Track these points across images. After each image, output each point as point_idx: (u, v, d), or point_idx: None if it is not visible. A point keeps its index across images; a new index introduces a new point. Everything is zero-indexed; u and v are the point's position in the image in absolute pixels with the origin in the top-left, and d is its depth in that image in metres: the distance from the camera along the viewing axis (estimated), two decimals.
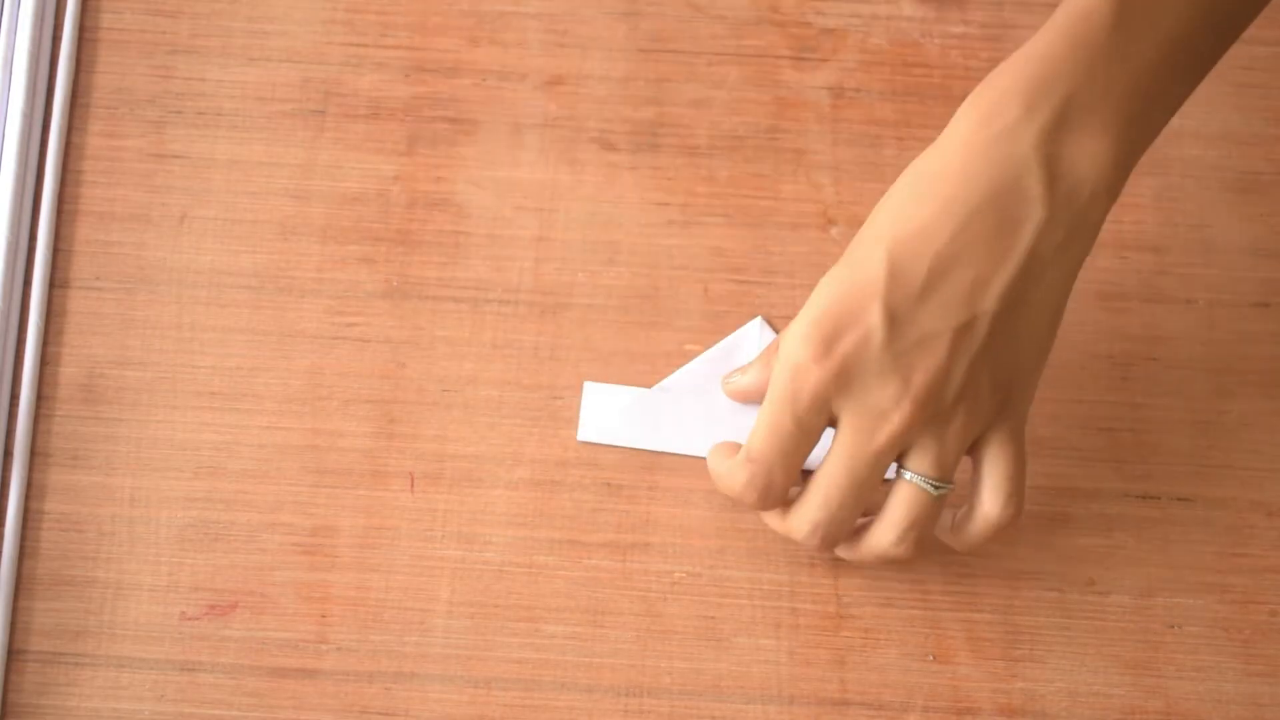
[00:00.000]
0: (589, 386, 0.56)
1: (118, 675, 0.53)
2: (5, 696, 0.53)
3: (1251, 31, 0.62)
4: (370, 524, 0.55)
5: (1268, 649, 0.55)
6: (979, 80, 0.50)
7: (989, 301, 0.48)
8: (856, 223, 0.58)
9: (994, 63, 0.50)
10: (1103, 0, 0.47)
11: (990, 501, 0.50)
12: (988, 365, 0.48)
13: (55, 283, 0.58)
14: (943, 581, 0.55)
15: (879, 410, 0.48)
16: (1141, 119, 0.48)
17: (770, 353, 0.53)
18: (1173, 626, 0.55)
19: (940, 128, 0.60)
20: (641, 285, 0.59)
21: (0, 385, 0.56)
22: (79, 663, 0.53)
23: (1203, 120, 0.61)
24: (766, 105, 0.61)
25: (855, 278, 0.48)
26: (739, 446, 0.51)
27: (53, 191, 0.59)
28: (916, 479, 0.49)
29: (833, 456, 0.49)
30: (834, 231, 0.59)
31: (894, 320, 0.47)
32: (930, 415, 0.48)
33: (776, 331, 0.57)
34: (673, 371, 0.57)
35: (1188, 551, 0.56)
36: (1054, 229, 0.47)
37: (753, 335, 0.58)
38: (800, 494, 0.51)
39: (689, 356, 0.58)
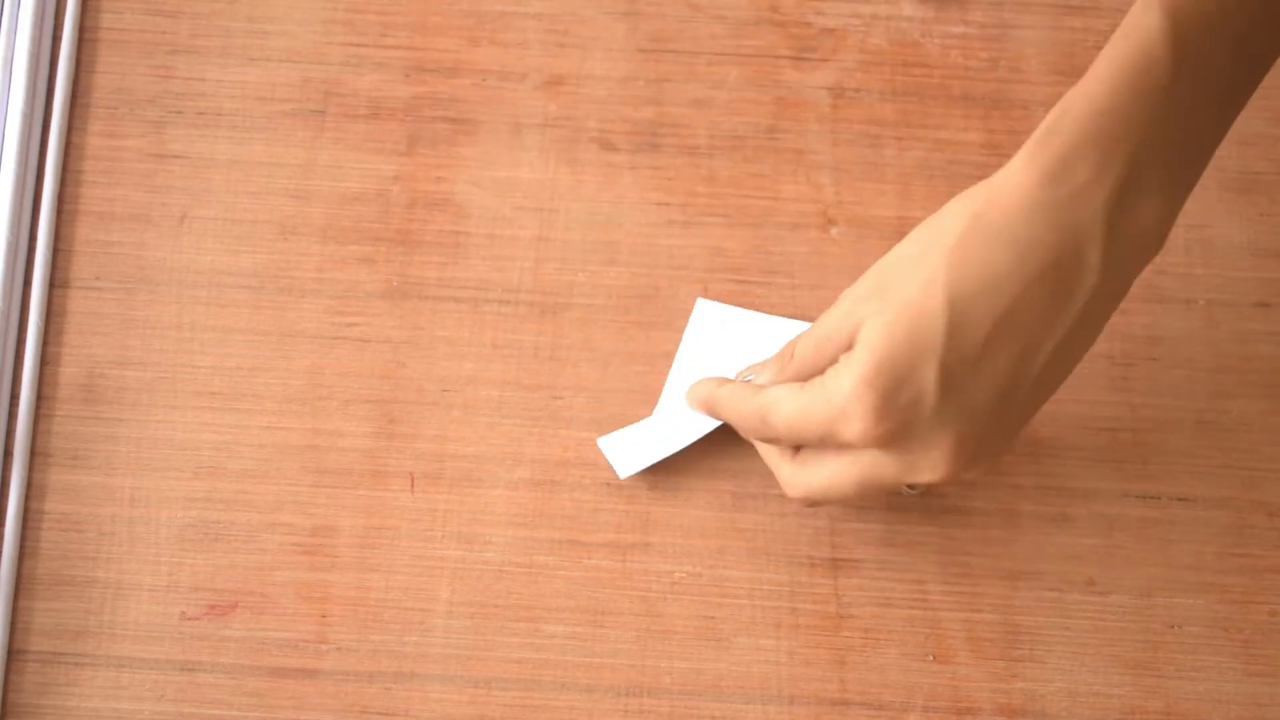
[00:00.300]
0: (603, 442, 0.56)
1: (118, 675, 0.53)
2: (5, 696, 0.53)
3: None
4: (370, 524, 0.55)
5: (1268, 649, 0.55)
6: (979, 80, 0.50)
7: (1033, 369, 0.47)
8: (857, 223, 0.58)
9: (994, 63, 0.50)
10: (1161, 51, 0.45)
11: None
12: (1017, 423, 0.49)
13: (55, 283, 0.58)
14: (943, 581, 0.55)
15: (911, 466, 0.48)
16: (1191, 173, 0.47)
17: (783, 358, 0.52)
18: (1173, 626, 0.55)
19: (940, 127, 0.61)
20: (641, 285, 0.59)
21: (0, 385, 0.56)
22: (79, 663, 0.53)
23: None
24: (766, 105, 0.61)
25: (914, 328, 0.46)
26: (723, 381, 0.54)
27: (53, 191, 0.59)
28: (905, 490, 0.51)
29: (852, 464, 0.49)
30: (834, 231, 0.59)
31: (948, 384, 0.46)
32: (956, 457, 0.48)
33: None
34: (667, 377, 0.57)
35: (1188, 551, 0.56)
36: (1102, 294, 0.47)
37: (707, 317, 0.57)
38: (812, 462, 0.50)
39: None
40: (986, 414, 0.47)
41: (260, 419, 0.57)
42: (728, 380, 0.54)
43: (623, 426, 0.56)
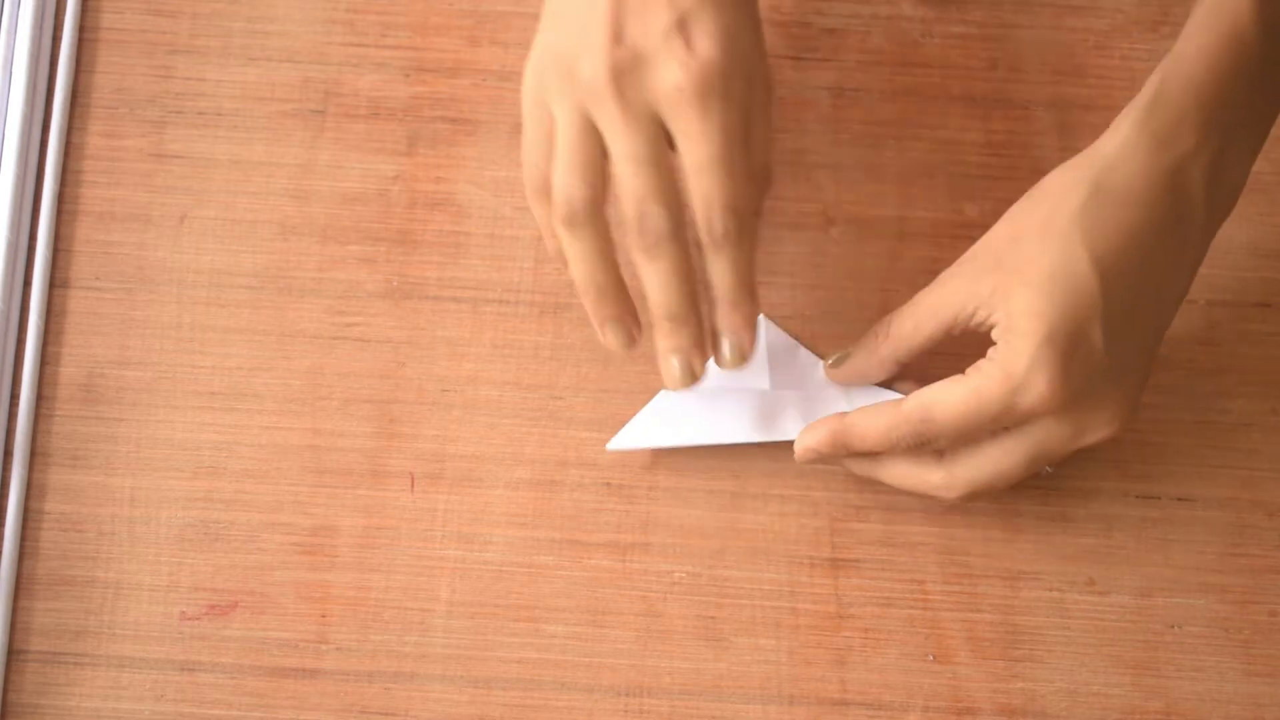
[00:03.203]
0: (610, 447, 0.56)
1: (118, 675, 0.53)
2: (5, 696, 0.53)
3: None
4: (370, 524, 0.55)
5: (1268, 649, 0.55)
6: (979, 80, 0.50)
7: (1167, 315, 0.52)
8: (857, 223, 0.58)
9: (994, 63, 0.50)
10: (1251, 21, 0.49)
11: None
12: (1151, 364, 0.52)
13: (55, 283, 0.58)
14: (943, 581, 0.55)
15: (1085, 427, 0.51)
16: (1262, 140, 0.51)
17: (876, 337, 0.53)
18: (1173, 626, 0.55)
19: (940, 127, 0.61)
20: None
21: (0, 385, 0.56)
22: (79, 663, 0.54)
23: None
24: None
25: (1071, 290, 0.49)
26: (838, 419, 0.53)
27: (53, 191, 0.59)
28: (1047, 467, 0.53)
29: (1021, 440, 0.51)
30: (834, 231, 0.59)
31: (1111, 339, 0.49)
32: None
33: (785, 332, 0.57)
34: None
35: (1188, 551, 0.56)
36: (1203, 248, 0.51)
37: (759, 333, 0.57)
38: (968, 455, 0.52)
39: None
40: (1141, 363, 0.51)
41: (260, 419, 0.57)
42: (844, 413, 0.53)
43: (623, 426, 0.56)
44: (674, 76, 0.49)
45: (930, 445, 0.51)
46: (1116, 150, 0.50)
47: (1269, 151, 0.60)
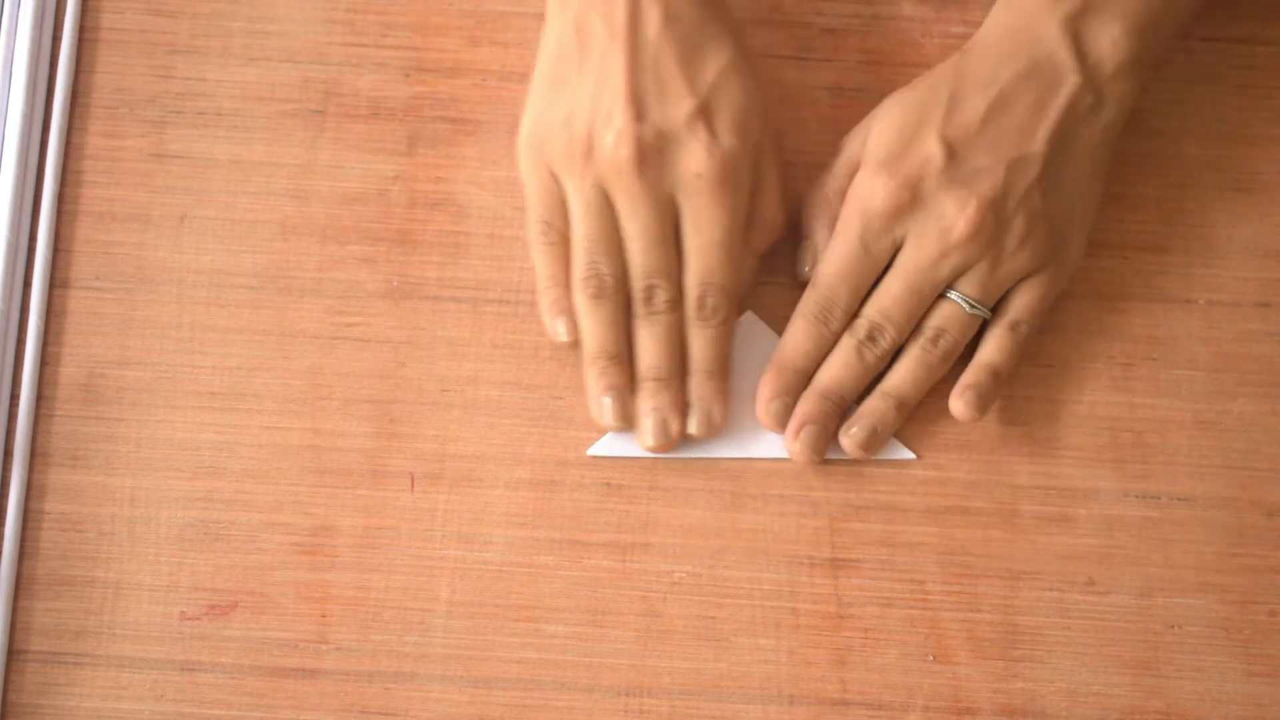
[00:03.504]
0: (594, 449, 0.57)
1: (118, 675, 0.53)
2: (5, 696, 0.53)
3: (1251, 31, 0.62)
4: (370, 524, 0.55)
5: (1268, 649, 0.55)
6: None
7: (1036, 144, 0.53)
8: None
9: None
10: None
11: (992, 344, 0.55)
12: (1039, 203, 0.54)
13: (55, 283, 0.58)
14: (943, 581, 0.55)
15: (942, 223, 0.53)
16: (1148, 20, 0.54)
17: (829, 202, 0.56)
18: (1173, 626, 0.55)
19: None
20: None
21: (0, 385, 0.56)
22: (79, 663, 0.54)
23: (1203, 120, 0.61)
24: (767, 105, 0.61)
25: (913, 111, 0.54)
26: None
27: (53, 191, 0.59)
28: (955, 295, 0.54)
29: (894, 271, 0.54)
30: None
31: (951, 148, 0.53)
32: (988, 238, 0.53)
33: (776, 333, 0.57)
34: None
35: (1188, 551, 0.56)
36: (1085, 93, 0.54)
37: (744, 329, 0.57)
38: (864, 305, 0.55)
39: None
40: (1003, 174, 0.53)
41: (260, 419, 0.57)
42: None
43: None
44: (697, 164, 0.53)
45: (838, 310, 0.54)
46: (985, 24, 0.56)
47: (1269, 151, 0.60)
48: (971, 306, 0.54)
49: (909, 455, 0.56)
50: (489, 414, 0.57)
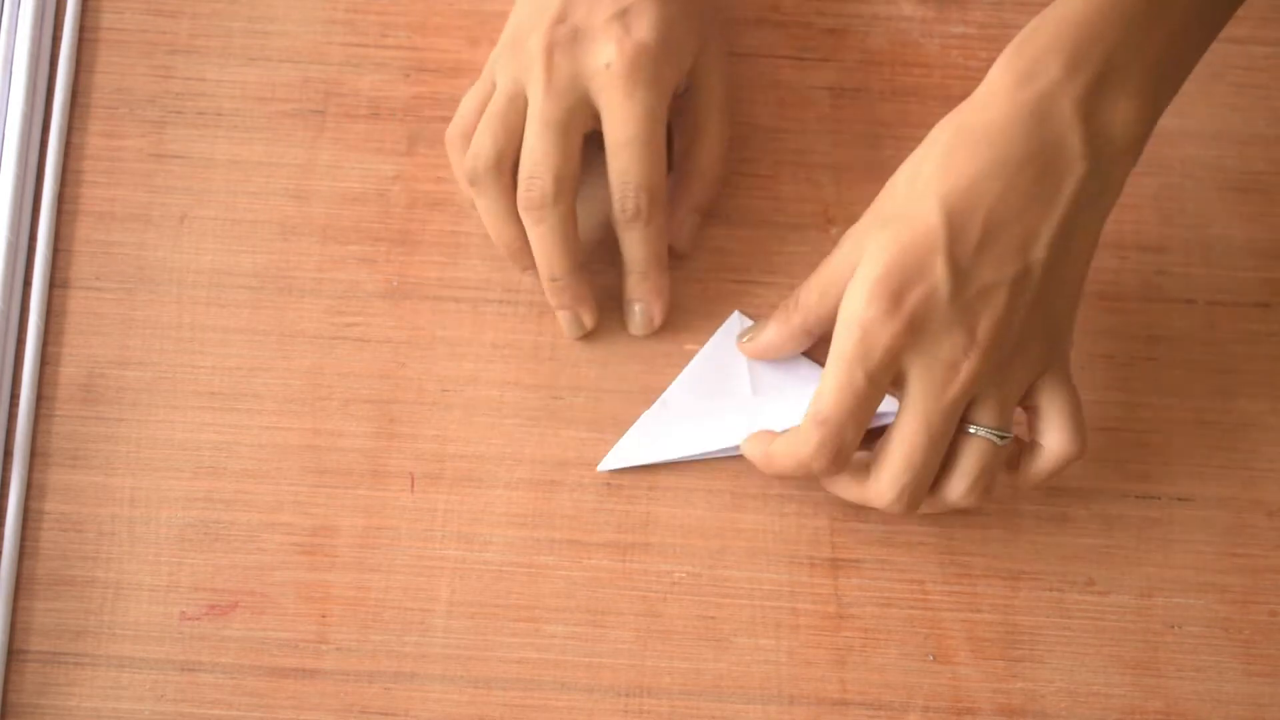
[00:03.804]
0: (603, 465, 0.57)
1: (118, 675, 0.53)
2: (5, 696, 0.53)
3: (1251, 31, 0.62)
4: (370, 524, 0.55)
5: (1268, 649, 0.55)
6: (979, 80, 0.50)
7: (1039, 251, 0.50)
8: (856, 222, 0.58)
9: (993, 63, 0.50)
10: None
11: (1058, 438, 0.52)
12: (1040, 312, 0.50)
13: (55, 283, 0.58)
14: (943, 581, 0.55)
15: (949, 362, 0.50)
16: (1168, 79, 0.51)
17: (787, 309, 0.54)
18: (1173, 626, 0.55)
19: None
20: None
21: (0, 385, 0.56)
22: (79, 663, 0.53)
23: (1203, 120, 0.61)
24: (766, 105, 0.61)
25: (914, 232, 0.49)
26: (774, 434, 0.52)
27: (53, 191, 0.59)
28: (982, 431, 0.51)
29: (908, 415, 0.50)
30: (834, 231, 0.59)
31: (957, 273, 0.49)
32: (994, 364, 0.50)
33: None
34: (671, 370, 0.57)
35: (1188, 551, 0.56)
36: (1091, 182, 0.50)
37: (733, 329, 0.57)
38: (876, 460, 0.51)
39: (689, 356, 0.58)
40: (1007, 295, 0.49)
41: (260, 419, 0.57)
42: (770, 437, 0.53)
43: (623, 426, 0.56)
44: (606, 55, 0.53)
45: (846, 450, 0.51)
46: (982, 91, 0.50)
47: (1269, 151, 0.60)
48: (1001, 437, 0.51)
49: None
50: (489, 414, 0.57)
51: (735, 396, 0.56)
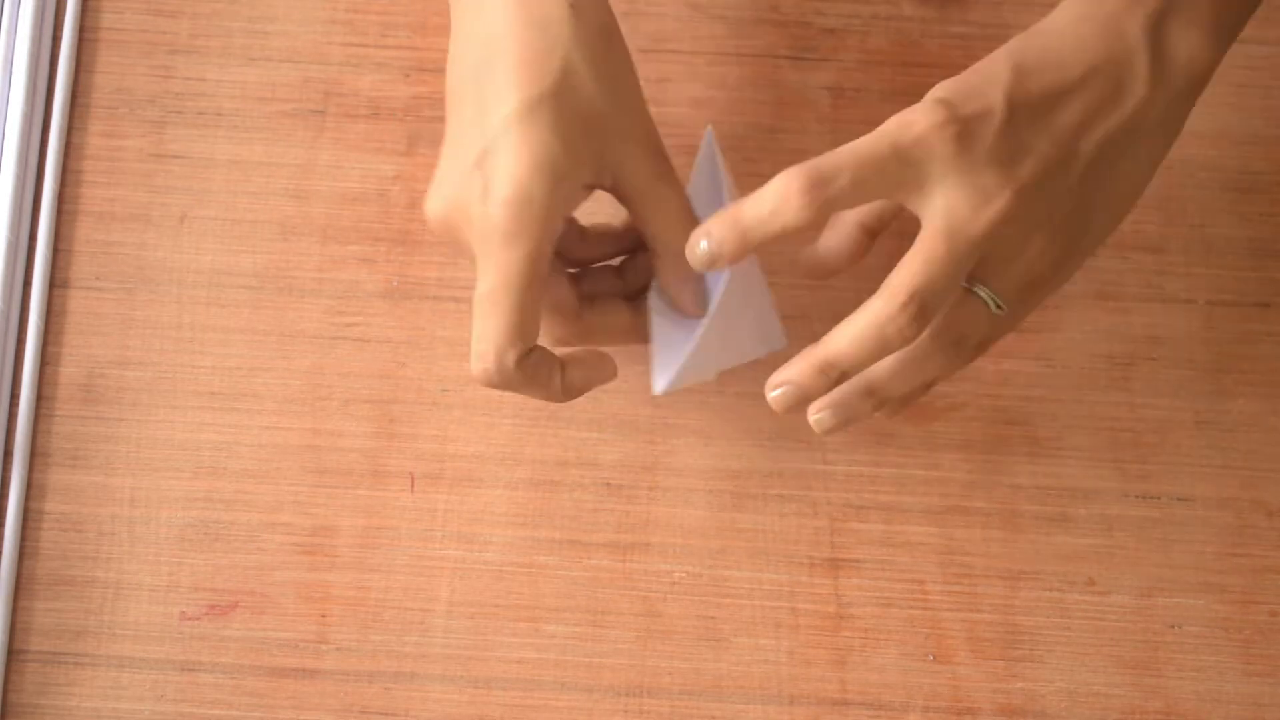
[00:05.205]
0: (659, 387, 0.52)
1: (118, 675, 0.53)
2: (5, 696, 0.53)
3: (1251, 31, 0.62)
4: (370, 524, 0.55)
5: (1268, 649, 0.55)
6: None
7: (1089, 145, 0.49)
8: None
9: None
10: None
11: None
12: (1073, 204, 0.49)
13: (55, 283, 0.58)
14: (943, 581, 0.55)
15: (985, 189, 0.47)
16: (1234, 13, 0.51)
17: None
18: (1173, 626, 0.55)
19: None
20: None
21: (0, 385, 0.56)
22: (79, 663, 0.53)
23: (1203, 120, 0.61)
24: (766, 105, 0.61)
25: (978, 73, 0.48)
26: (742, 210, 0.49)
27: (53, 191, 0.59)
28: (984, 292, 0.49)
29: (932, 231, 0.47)
30: None
31: (1014, 111, 0.48)
32: (1024, 220, 0.48)
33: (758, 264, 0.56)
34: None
35: (1188, 551, 0.56)
36: (1153, 106, 0.49)
37: (705, 149, 0.54)
38: (887, 280, 0.48)
39: None
40: (1047, 163, 0.48)
41: (260, 419, 0.57)
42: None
43: (623, 425, 0.56)
44: (475, 212, 0.48)
45: (833, 196, 0.48)
46: (1052, 13, 0.50)
47: (1269, 151, 0.60)
48: (999, 308, 0.49)
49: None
50: (489, 414, 0.57)
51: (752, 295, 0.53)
